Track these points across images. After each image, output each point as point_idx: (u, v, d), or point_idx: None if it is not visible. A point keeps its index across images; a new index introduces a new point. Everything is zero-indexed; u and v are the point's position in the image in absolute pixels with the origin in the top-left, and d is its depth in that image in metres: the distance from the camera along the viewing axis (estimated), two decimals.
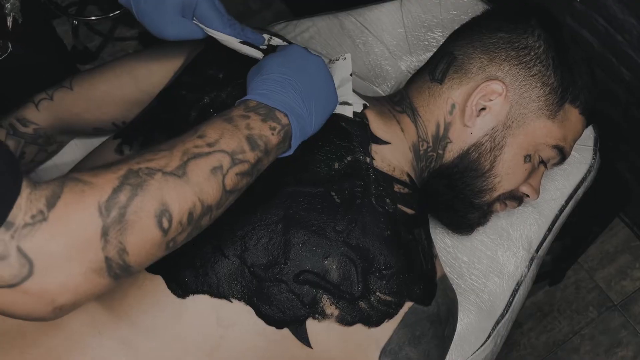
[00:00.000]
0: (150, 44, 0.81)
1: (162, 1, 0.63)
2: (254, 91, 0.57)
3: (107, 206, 0.44)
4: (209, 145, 0.51)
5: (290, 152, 0.58)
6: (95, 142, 0.80)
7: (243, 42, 0.67)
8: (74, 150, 0.86)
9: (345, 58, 0.70)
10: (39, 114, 0.79)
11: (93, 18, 1.56)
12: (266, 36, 0.70)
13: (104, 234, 0.43)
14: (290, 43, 0.70)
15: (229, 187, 0.51)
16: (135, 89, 0.77)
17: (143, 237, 0.45)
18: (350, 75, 0.70)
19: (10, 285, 0.41)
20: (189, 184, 0.48)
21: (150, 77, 0.76)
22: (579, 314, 1.42)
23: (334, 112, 0.66)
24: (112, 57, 1.48)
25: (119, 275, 0.46)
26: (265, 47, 0.69)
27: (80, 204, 0.43)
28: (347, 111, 0.69)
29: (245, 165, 0.53)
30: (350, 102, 0.69)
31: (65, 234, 0.42)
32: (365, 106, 0.70)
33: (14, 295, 0.42)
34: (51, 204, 0.42)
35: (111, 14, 1.53)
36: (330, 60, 0.72)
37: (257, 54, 0.68)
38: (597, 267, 1.46)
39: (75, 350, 0.59)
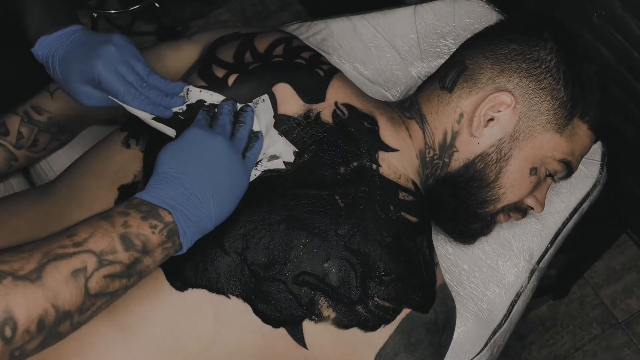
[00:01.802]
0: (168, 40, 0.83)
1: (67, 73, 0.64)
2: (148, 185, 0.56)
3: None
4: (76, 245, 0.49)
5: (183, 250, 0.55)
6: (106, 132, 0.81)
7: (155, 119, 0.64)
8: (85, 140, 0.87)
9: (264, 100, 0.66)
10: (54, 103, 0.81)
11: (113, 11, 1.59)
12: (194, 90, 0.66)
13: None
14: (222, 101, 0.66)
15: (93, 291, 0.49)
16: None
17: None
18: (274, 117, 0.66)
19: None
20: (43, 288, 0.46)
21: (164, 70, 0.77)
22: (582, 329, 1.41)
23: (268, 168, 0.64)
24: None
25: None
26: (182, 109, 0.65)
27: None
28: (278, 165, 0.64)
29: (117, 266, 0.50)
30: (278, 153, 0.64)
31: None
32: (297, 153, 0.66)
33: None
34: None
35: (131, 8, 1.55)
36: (250, 104, 0.66)
37: (169, 131, 0.64)
38: (603, 284, 1.45)
39: (73, 335, 0.60)
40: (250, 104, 0.65)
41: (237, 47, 0.73)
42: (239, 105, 0.65)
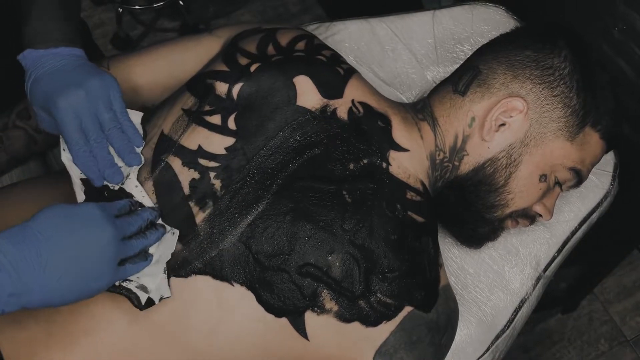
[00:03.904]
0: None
1: (34, 91, 0.60)
2: (5, 231, 0.50)
3: None
4: None
5: None
6: None
7: (82, 180, 0.61)
8: None
9: (173, 234, 0.62)
10: None
11: (137, 7, 1.61)
12: (132, 180, 0.63)
13: None
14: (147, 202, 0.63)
15: None
16: (169, 75, 0.79)
17: None
18: (171, 255, 0.62)
19: None
20: None
21: (184, 64, 0.79)
22: (589, 345, 1.40)
23: (129, 290, 0.59)
24: None
25: None
26: (114, 187, 0.62)
27: None
28: (142, 297, 0.59)
29: None
30: (150, 289, 0.59)
31: None
32: (161, 297, 0.61)
33: None
34: None
35: (155, 5, 1.58)
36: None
37: (80, 196, 0.61)
38: (613, 300, 1.44)
39: (81, 313, 0.61)
40: (167, 228, 0.62)
41: (259, 40, 0.74)
42: (159, 221, 0.62)
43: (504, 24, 0.90)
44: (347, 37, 0.92)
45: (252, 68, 0.70)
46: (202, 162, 0.66)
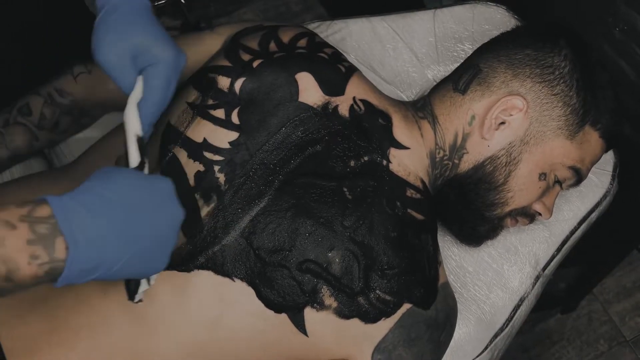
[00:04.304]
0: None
1: (127, 31, 0.55)
2: (75, 195, 0.46)
3: None
4: None
5: (57, 285, 0.46)
6: None
7: (138, 139, 0.56)
8: (104, 125, 0.89)
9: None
10: (77, 87, 0.83)
11: None
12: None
13: None
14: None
15: None
16: None
17: None
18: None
19: None
20: None
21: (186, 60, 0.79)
22: (588, 345, 1.40)
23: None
24: None
25: None
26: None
27: None
28: (142, 285, 0.56)
29: None
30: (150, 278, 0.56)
31: None
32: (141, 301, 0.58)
33: None
34: None
35: (156, 3, 1.58)
36: None
37: (134, 153, 0.56)
38: (613, 301, 1.44)
39: (82, 308, 0.62)
40: None
41: (261, 37, 0.74)
42: None
43: (505, 23, 0.90)
44: (348, 35, 0.92)
45: (255, 64, 0.71)
46: (207, 155, 0.66)
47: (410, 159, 0.71)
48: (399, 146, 0.71)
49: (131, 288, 0.56)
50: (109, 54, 0.55)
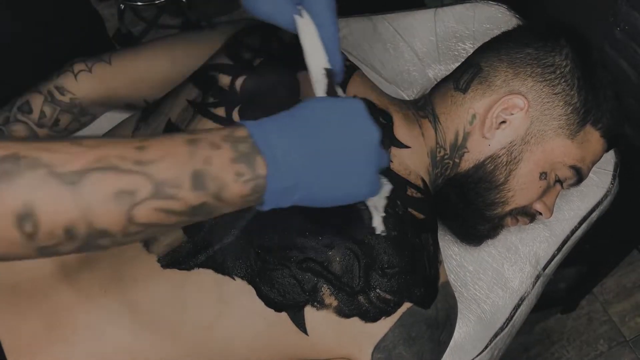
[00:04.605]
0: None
1: None
2: (268, 119, 0.47)
3: None
4: (137, 163, 0.41)
5: (263, 209, 0.47)
6: (126, 117, 0.83)
7: (327, 71, 0.54)
8: (103, 124, 0.89)
9: (386, 182, 0.58)
10: (77, 85, 0.82)
11: (139, 3, 1.61)
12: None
13: None
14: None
15: (141, 219, 0.42)
16: (171, 69, 0.80)
17: None
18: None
19: None
20: (76, 197, 0.40)
21: (186, 58, 0.79)
22: (588, 345, 1.40)
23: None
24: None
25: None
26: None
27: None
28: (375, 217, 0.58)
29: (176, 203, 0.42)
30: (379, 209, 0.58)
31: None
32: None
33: None
34: None
35: (157, 1, 1.58)
36: None
37: (321, 89, 0.55)
38: (613, 301, 1.44)
39: (82, 306, 0.62)
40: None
41: (262, 35, 0.74)
42: None
43: (506, 22, 0.90)
44: (349, 34, 0.92)
45: (256, 62, 0.70)
46: None
47: (410, 158, 0.71)
48: (400, 145, 0.71)
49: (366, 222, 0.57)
50: (261, 5, 0.55)
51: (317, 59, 0.55)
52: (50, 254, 0.42)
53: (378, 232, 0.59)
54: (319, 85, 0.55)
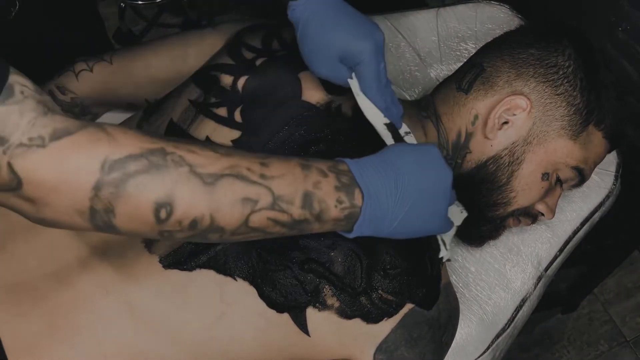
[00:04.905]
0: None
1: (324, 43, 0.62)
2: (363, 159, 0.54)
3: (112, 165, 0.43)
4: (262, 176, 0.48)
5: (350, 236, 0.54)
6: (127, 116, 0.83)
7: (387, 125, 0.64)
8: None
9: (462, 212, 0.67)
10: (78, 84, 0.82)
11: (140, 2, 1.61)
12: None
13: (96, 188, 0.43)
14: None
15: (252, 224, 0.48)
16: (172, 69, 0.80)
17: (134, 213, 0.45)
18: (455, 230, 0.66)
19: (5, 190, 0.43)
20: (210, 196, 0.46)
21: (188, 58, 0.79)
22: (589, 345, 1.40)
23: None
24: None
25: (102, 227, 0.46)
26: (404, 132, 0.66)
27: (86, 150, 0.43)
28: (442, 250, 0.66)
29: (285, 216, 0.49)
30: (447, 244, 0.66)
31: (58, 168, 0.42)
32: (449, 259, 0.68)
33: (8, 197, 0.44)
34: (57, 136, 0.42)
35: (157, 0, 1.57)
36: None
37: (389, 139, 0.64)
38: (613, 301, 1.44)
39: (83, 306, 0.62)
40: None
41: (264, 35, 0.74)
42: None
43: (508, 23, 0.90)
44: None
45: (258, 62, 0.70)
46: None
47: None
48: None
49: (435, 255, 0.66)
50: (320, 68, 0.64)
51: (375, 116, 0.65)
52: (166, 238, 0.48)
53: (445, 260, 0.66)
54: (387, 137, 0.65)
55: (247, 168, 0.48)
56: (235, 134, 0.67)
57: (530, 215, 0.74)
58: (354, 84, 0.64)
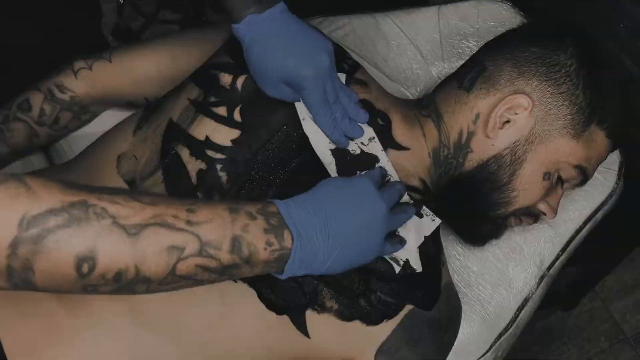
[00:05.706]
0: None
1: (267, 68, 0.63)
2: (293, 199, 0.55)
3: (30, 221, 0.42)
4: (188, 223, 0.48)
5: (282, 277, 0.54)
6: (127, 115, 0.83)
7: (332, 151, 0.64)
8: (104, 122, 0.88)
9: (434, 220, 0.66)
10: (77, 83, 0.82)
11: None
12: (377, 144, 0.66)
13: (13, 245, 0.42)
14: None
15: (180, 272, 0.48)
16: (172, 67, 0.79)
17: (54, 269, 0.44)
18: (423, 238, 0.65)
19: None
20: (134, 247, 0.45)
21: (187, 57, 0.78)
22: (589, 342, 1.40)
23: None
24: None
25: (20, 286, 0.44)
26: (355, 152, 0.65)
27: (4, 206, 0.42)
28: (395, 267, 0.64)
29: (213, 262, 0.49)
30: (401, 261, 0.63)
31: None
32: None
33: None
34: None
35: None
36: (420, 211, 0.65)
37: (332, 168, 0.64)
38: (614, 298, 1.44)
39: (83, 309, 0.61)
40: (422, 210, 0.65)
41: None
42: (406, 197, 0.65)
43: (510, 20, 0.90)
44: (352, 31, 0.92)
45: None
46: (209, 153, 0.65)
47: (409, 160, 0.70)
48: (398, 147, 0.70)
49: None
50: (268, 90, 0.65)
51: (321, 143, 0.64)
52: (91, 292, 0.47)
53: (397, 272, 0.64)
54: (330, 167, 0.64)
55: (173, 215, 0.47)
56: (235, 133, 0.66)
57: (532, 215, 0.74)
58: (300, 107, 0.65)
